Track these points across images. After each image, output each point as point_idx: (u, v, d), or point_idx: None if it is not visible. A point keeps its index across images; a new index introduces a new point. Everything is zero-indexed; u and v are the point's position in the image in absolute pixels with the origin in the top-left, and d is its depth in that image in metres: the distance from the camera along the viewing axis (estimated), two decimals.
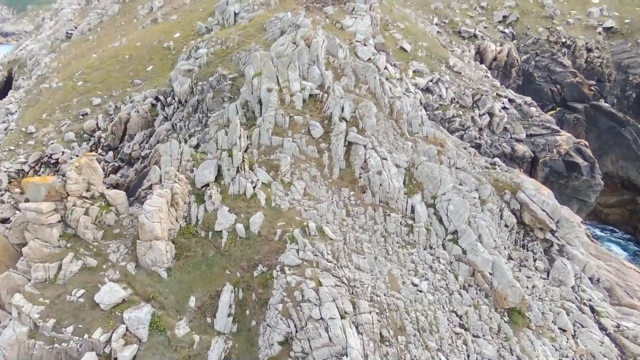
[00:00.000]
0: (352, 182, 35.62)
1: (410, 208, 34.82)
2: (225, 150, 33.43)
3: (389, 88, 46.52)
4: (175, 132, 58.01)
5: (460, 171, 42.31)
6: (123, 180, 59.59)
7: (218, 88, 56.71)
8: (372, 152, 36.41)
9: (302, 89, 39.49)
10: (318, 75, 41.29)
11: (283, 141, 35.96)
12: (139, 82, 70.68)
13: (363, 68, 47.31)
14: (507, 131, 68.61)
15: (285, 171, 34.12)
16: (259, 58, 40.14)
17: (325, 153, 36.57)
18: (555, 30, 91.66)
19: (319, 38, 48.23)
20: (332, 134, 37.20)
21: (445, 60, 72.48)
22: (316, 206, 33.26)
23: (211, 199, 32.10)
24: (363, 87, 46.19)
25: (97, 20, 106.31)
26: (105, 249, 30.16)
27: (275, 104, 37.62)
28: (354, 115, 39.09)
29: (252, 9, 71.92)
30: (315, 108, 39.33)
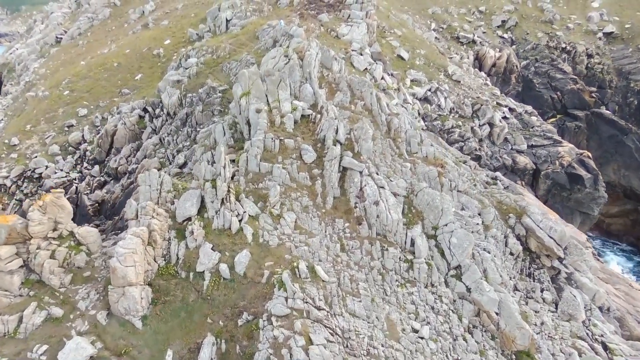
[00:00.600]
0: (347, 213, 32.54)
1: (410, 241, 31.77)
2: (209, 180, 30.28)
3: (386, 104, 43.40)
4: (163, 147, 54.91)
5: (462, 194, 39.29)
6: (109, 197, 56.45)
7: (207, 101, 53.66)
8: (368, 179, 33.32)
9: (293, 109, 36.38)
10: (311, 93, 38.17)
11: (272, 168, 32.84)
12: (127, 91, 67.41)
13: (359, 83, 44.18)
14: (508, 142, 65.65)
15: (274, 202, 31.03)
16: (247, 76, 36.98)
17: (318, 180, 33.47)
18: (554, 36, 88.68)
19: (312, 50, 45.07)
20: (325, 158, 34.10)
21: (444, 68, 69.41)
22: (308, 241, 30.18)
23: (193, 235, 28.99)
24: (359, 103, 43.09)
25: (88, 24, 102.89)
26: (73, 295, 27.01)
27: (264, 126, 34.50)
28: (349, 137, 36.00)
29: (244, 16, 68.75)
30: (308, 130, 36.22)
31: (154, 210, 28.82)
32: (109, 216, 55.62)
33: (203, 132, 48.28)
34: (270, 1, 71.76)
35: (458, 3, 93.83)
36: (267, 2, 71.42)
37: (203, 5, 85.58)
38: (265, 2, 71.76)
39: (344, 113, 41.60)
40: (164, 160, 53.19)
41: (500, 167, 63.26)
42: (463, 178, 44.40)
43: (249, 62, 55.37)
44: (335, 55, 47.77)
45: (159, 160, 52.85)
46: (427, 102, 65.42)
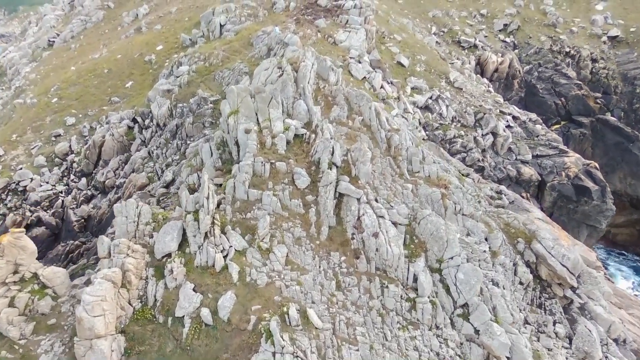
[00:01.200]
0: (343, 245, 29.40)
1: (413, 277, 28.62)
2: (191, 212, 27.13)
3: (385, 119, 40.22)
4: (152, 160, 51.77)
5: (467, 218, 36.12)
6: (95, 212, 53.31)
7: (198, 112, 50.53)
8: (366, 207, 30.16)
9: (285, 129, 33.20)
10: (305, 111, 35.00)
11: (262, 195, 29.67)
12: (117, 100, 64.20)
13: (357, 96, 41.00)
14: (512, 152, 62.46)
15: (263, 234, 27.86)
16: (236, 93, 33.76)
17: (312, 207, 30.31)
18: (558, 40, 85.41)
19: (307, 61, 41.89)
20: (320, 184, 30.93)
21: (445, 75, 66.18)
22: (300, 279, 27.04)
23: (172, 274, 25.85)
24: (357, 118, 39.93)
25: (81, 27, 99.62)
26: (35, 348, 23.87)
27: (253, 148, 31.33)
28: (346, 159, 32.80)
29: (238, 21, 65.51)
30: (301, 151, 33.05)
31: (129, 247, 25.67)
32: (95, 233, 52.51)
33: (191, 148, 45.16)
34: (265, 5, 68.50)
35: (459, 6, 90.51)
36: (262, 7, 68.16)
37: (197, 8, 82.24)
38: (260, 6, 68.50)
39: (340, 129, 38.48)
40: (153, 175, 50.07)
41: (504, 179, 60.16)
42: (467, 196, 41.31)
43: (242, 72, 52.23)
44: (332, 65, 44.58)
45: (147, 175, 49.75)
46: (428, 111, 62.24)
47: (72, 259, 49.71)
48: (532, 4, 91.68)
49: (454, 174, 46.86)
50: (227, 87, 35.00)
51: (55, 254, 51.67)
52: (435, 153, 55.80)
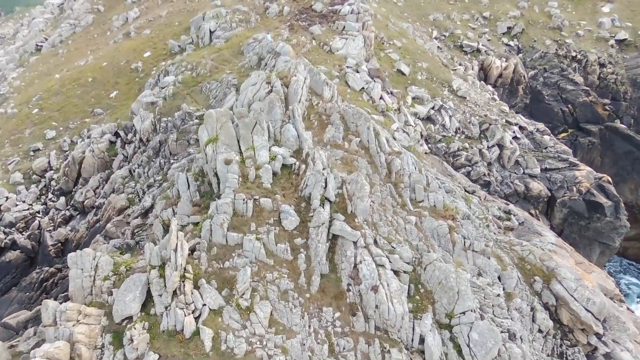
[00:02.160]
0: (337, 298, 24.81)
1: (419, 338, 24.05)
2: (156, 267, 22.52)
3: (385, 140, 35.59)
4: (133, 180, 47.11)
5: (478, 255, 31.57)
6: (72, 235, 48.73)
7: (182, 128, 45.90)
8: (364, 252, 25.55)
9: (272, 158, 28.56)
10: (294, 137, 30.32)
11: (243, 240, 25.04)
12: (100, 111, 59.54)
13: (354, 115, 36.36)
14: (519, 165, 57.81)
15: (243, 289, 23.24)
16: (215, 118, 29.05)
17: (302, 253, 25.71)
18: (564, 43, 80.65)
19: (299, 75, 37.24)
20: (310, 224, 26.32)
21: (448, 83, 61.49)
22: (286, 344, 22.46)
23: (132, 343, 21.25)
24: (354, 140, 35.28)
25: (70, 31, 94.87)
26: None
27: (234, 183, 26.68)
28: (341, 193, 28.16)
29: (229, 27, 60.78)
30: (290, 184, 28.42)
31: (79, 312, 21.10)
32: None
33: (173, 170, 40.53)
34: (258, 10, 63.78)
35: (461, 8, 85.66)
36: (254, 12, 63.43)
37: (188, 12, 77.51)
38: (252, 11, 63.78)
39: (336, 153, 33.87)
40: (133, 196, 45.48)
41: (511, 194, 55.58)
42: (476, 222, 36.81)
43: (230, 84, 47.58)
44: (326, 79, 39.88)
45: (127, 197, 45.19)
46: (431, 122, 57.59)
47: (46, 288, 45.22)
48: (537, 5, 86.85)
49: (460, 194, 42.51)
50: (206, 112, 30.16)
51: (29, 282, 47.20)
52: (438, 168, 51.39)
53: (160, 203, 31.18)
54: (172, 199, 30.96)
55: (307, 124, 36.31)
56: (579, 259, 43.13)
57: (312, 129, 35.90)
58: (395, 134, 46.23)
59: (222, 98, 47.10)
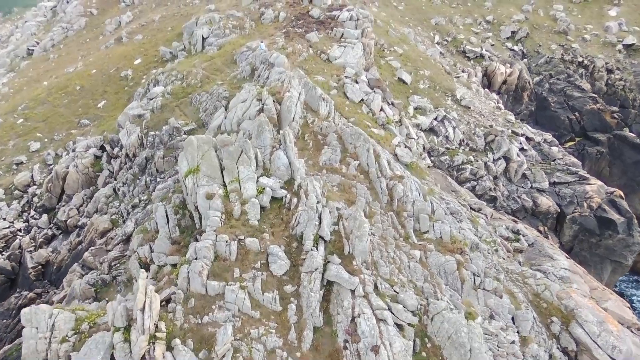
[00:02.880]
0: (332, 356, 21.39)
1: None
2: (120, 329, 19.10)
3: (387, 164, 32.20)
4: (118, 199, 43.68)
5: (489, 294, 28.17)
6: (54, 257, 45.35)
7: (170, 144, 42.46)
8: (363, 302, 22.13)
9: (259, 191, 25.13)
10: (285, 165, 26.86)
11: (225, 289, 21.62)
12: (87, 122, 56.14)
13: (352, 135, 32.95)
14: (527, 179, 54.41)
15: (223, 351, 19.81)
16: (196, 146, 25.60)
17: (292, 302, 22.30)
18: (570, 48, 77.14)
19: (293, 92, 33.81)
20: (302, 269, 22.91)
21: (452, 92, 58.05)
22: None
23: None
24: (352, 163, 31.89)
25: (62, 35, 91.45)
26: None
27: (216, 222, 23.26)
28: (337, 231, 24.74)
29: (222, 33, 57.27)
30: (280, 220, 24.99)
31: None
32: (54, 281, 44.65)
33: (158, 191, 37.09)
34: (253, 16, 60.27)
35: (463, 12, 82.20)
36: (249, 18, 59.94)
37: (182, 17, 74.10)
38: (247, 17, 60.29)
39: (332, 178, 30.45)
40: (117, 217, 42.11)
41: (519, 210, 52.25)
42: (484, 248, 33.48)
43: (221, 96, 44.12)
44: (322, 94, 36.45)
45: (110, 218, 41.79)
46: (433, 134, 54.13)
47: None
48: (541, 9, 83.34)
49: (466, 215, 39.18)
50: (187, 139, 26.67)
51: (7, 307, 43.81)
52: (442, 184, 48.04)
53: (137, 237, 27.73)
54: (150, 232, 27.51)
55: (302, 145, 32.97)
56: (594, 284, 39.88)
57: (306, 150, 32.55)
58: (396, 150, 42.84)
59: (212, 112, 43.68)
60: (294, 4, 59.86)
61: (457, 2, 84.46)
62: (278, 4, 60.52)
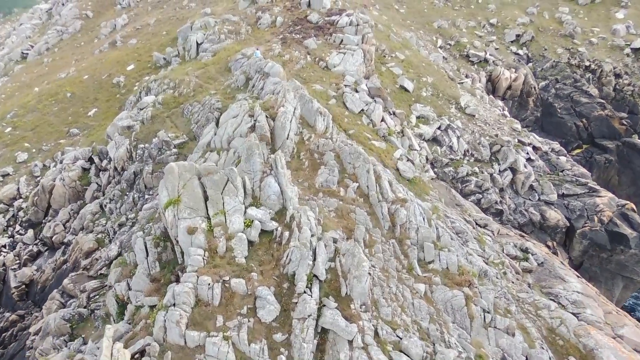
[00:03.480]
0: None
1: None
2: None
3: (388, 185, 29.50)
4: (105, 216, 41.08)
5: (501, 333, 25.48)
6: (38, 276, 42.75)
7: (159, 159, 39.88)
8: (362, 355, 19.43)
9: (247, 225, 22.47)
10: (276, 194, 24.16)
11: (206, 341, 18.96)
12: (76, 132, 53.49)
13: (351, 154, 30.26)
14: (534, 191, 51.64)
15: None
16: (177, 174, 22.92)
17: (283, 353, 19.62)
18: (576, 52, 74.23)
19: (288, 106, 31.11)
20: (294, 314, 20.22)
21: (455, 99, 55.25)
22: None
23: None
24: (351, 185, 29.19)
25: (57, 38, 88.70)
26: None
27: (197, 261, 20.63)
28: (334, 268, 22.04)
29: (217, 39, 54.54)
30: (270, 257, 22.31)
31: None
32: (38, 302, 42.05)
33: (145, 212, 34.44)
34: (249, 21, 57.52)
35: (466, 15, 79.27)
36: (245, 22, 57.19)
37: (177, 21, 71.35)
38: (243, 21, 57.55)
39: (329, 202, 27.76)
40: (103, 236, 39.54)
41: (526, 224, 49.55)
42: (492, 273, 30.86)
43: (214, 107, 41.47)
44: (319, 108, 33.73)
45: (96, 237, 39.19)
46: (437, 144, 51.34)
47: (4, 341, 39.22)
48: (547, 12, 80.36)
49: (472, 235, 36.64)
50: (166, 167, 23.99)
51: None
52: (446, 199, 45.40)
53: (115, 271, 25.08)
54: (129, 266, 24.84)
55: (297, 164, 30.26)
56: (608, 308, 37.32)
57: (301, 171, 29.84)
58: (398, 164, 40.30)
59: (204, 124, 41.02)
60: (292, 8, 57.13)
61: (460, 4, 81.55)
62: (275, 8, 57.78)
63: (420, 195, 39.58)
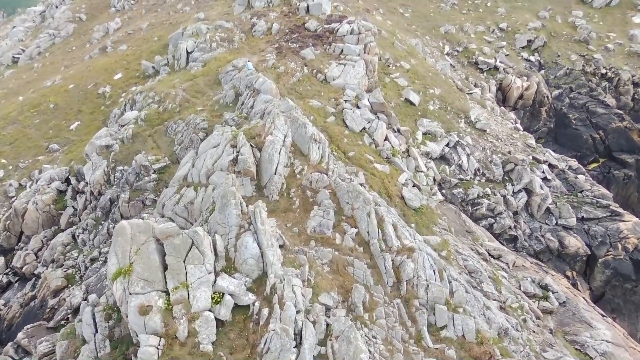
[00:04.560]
0: None
1: None
2: None
3: (392, 231, 24.61)
4: (77, 248, 36.37)
5: None
6: (5, 312, 38.04)
7: (137, 185, 35.07)
8: None
9: (216, 301, 17.60)
10: (255, 257, 19.27)
11: None
12: (56, 147, 48.82)
13: (349, 193, 25.40)
14: (551, 214, 46.69)
15: None
16: (129, 236, 18.11)
17: None
18: (592, 59, 69.02)
19: (277, 134, 26.28)
20: None
21: (465, 113, 50.28)
22: None
23: None
24: (348, 232, 24.37)
25: (49, 42, 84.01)
26: None
27: (150, 355, 15.71)
28: (325, 356, 17.17)
29: (208, 47, 49.70)
30: (244, 341, 17.44)
31: None
32: (4, 341, 37.34)
33: None
34: (243, 27, 52.61)
35: (474, 19, 74.10)
36: (239, 29, 52.29)
37: (170, 25, 66.56)
38: (237, 28, 52.64)
39: (322, 253, 22.94)
40: (74, 271, 34.86)
41: (543, 251, 44.74)
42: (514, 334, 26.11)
43: (199, 128, 36.73)
44: (314, 133, 28.83)
45: (65, 273, 34.49)
46: (445, 162, 46.39)
47: None
48: (559, 15, 75.09)
49: (486, 274, 31.90)
50: (118, 225, 19.17)
51: None
52: (455, 226, 40.64)
53: (61, 345, 20.31)
54: (77, 338, 20.05)
55: (285, 204, 25.42)
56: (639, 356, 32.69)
57: (291, 212, 25.00)
58: (403, 191, 35.55)
59: (187, 145, 36.31)
60: (289, 13, 52.18)
61: (467, 8, 76.41)
62: (272, 13, 52.83)
63: (428, 226, 34.84)
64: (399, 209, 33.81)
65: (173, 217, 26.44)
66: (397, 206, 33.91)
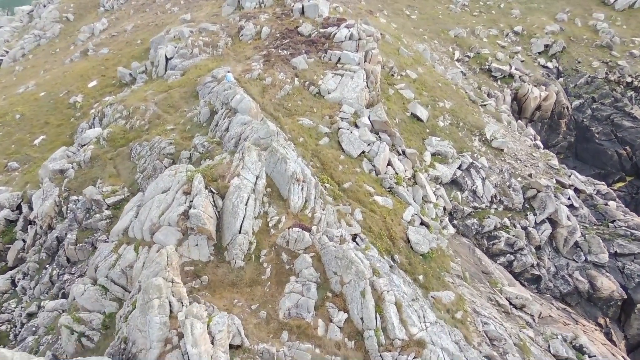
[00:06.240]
0: None
1: None
2: None
3: (395, 314, 17.50)
4: (16, 297, 29.50)
5: None
6: None
7: (86, 224, 28.05)
8: None
9: None
10: None
11: None
12: (16, 166, 41.93)
13: (338, 260, 18.35)
14: (579, 248, 39.52)
15: None
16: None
17: None
18: (615, 66, 61.48)
19: (246, 176, 19.49)
20: None
21: (479, 129, 43.11)
22: None
23: None
24: (335, 316, 17.31)
25: (33, 43, 77.21)
26: None
27: None
28: None
29: (189, 53, 42.73)
30: None
31: None
32: None
33: (48, 312, 22.89)
34: (230, 31, 45.55)
35: (487, 21, 66.73)
36: (225, 32, 45.24)
37: (156, 27, 59.65)
38: (223, 31, 45.60)
39: (298, 353, 15.96)
40: (8, 329, 27.93)
41: (570, 293, 37.74)
42: None
43: (165, 153, 29.71)
44: (296, 173, 21.68)
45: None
46: (457, 187, 39.23)
47: None
48: (579, 18, 67.56)
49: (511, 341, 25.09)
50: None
51: None
52: (470, 264, 33.76)
53: None
54: None
55: (253, 273, 18.46)
56: None
57: (259, 287, 18.09)
58: (409, 232, 28.62)
59: (150, 174, 29.33)
60: (282, 15, 45.09)
61: (479, 9, 69.03)
62: (262, 15, 45.75)
63: (439, 276, 27.85)
64: (403, 255, 26.94)
65: (107, 284, 19.53)
66: (401, 252, 27.04)
